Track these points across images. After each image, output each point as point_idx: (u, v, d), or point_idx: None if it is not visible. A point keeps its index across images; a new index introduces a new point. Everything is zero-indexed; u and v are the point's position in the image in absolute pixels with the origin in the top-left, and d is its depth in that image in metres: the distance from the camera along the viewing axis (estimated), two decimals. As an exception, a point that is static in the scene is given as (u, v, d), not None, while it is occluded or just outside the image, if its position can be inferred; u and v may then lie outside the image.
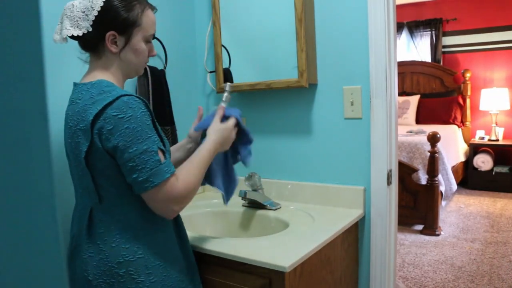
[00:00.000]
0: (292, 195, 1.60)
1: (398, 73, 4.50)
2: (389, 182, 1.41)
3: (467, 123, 4.91)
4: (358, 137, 1.46)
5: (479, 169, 4.57)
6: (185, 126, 1.77)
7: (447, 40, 5.10)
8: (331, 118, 1.51)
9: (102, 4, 0.94)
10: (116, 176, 0.93)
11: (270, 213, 1.48)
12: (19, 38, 0.25)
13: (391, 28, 1.39)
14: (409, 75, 5.21)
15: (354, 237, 1.45)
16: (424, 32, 5.24)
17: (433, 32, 5.15)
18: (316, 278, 1.18)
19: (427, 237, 3.20)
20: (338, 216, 1.39)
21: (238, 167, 1.77)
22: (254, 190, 1.55)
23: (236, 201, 1.61)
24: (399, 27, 5.34)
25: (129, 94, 0.91)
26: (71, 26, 0.95)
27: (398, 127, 2.12)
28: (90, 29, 0.95)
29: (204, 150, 1.03)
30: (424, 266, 2.69)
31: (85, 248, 0.96)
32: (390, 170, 1.42)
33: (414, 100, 5.01)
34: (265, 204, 1.51)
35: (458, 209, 3.91)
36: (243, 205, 1.57)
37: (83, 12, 0.95)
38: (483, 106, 4.73)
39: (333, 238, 1.24)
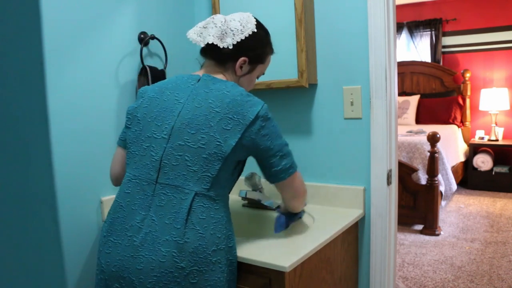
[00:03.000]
0: (292, 195, 1.60)
1: (398, 73, 4.51)
2: (389, 182, 1.42)
3: (467, 123, 4.91)
4: (358, 137, 1.46)
5: (479, 169, 4.57)
6: (185, 126, 1.77)
7: (447, 40, 5.10)
8: (331, 118, 1.51)
9: (251, 32, 1.09)
10: (231, 170, 1.04)
11: (270, 213, 1.48)
12: (20, 39, 0.25)
13: (391, 28, 1.39)
14: (409, 75, 5.21)
15: (354, 237, 1.45)
16: (424, 32, 5.25)
17: (433, 32, 5.15)
18: (316, 278, 1.18)
19: (427, 237, 3.20)
20: (338, 216, 1.39)
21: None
22: (254, 190, 1.55)
23: (236, 201, 1.61)
24: (399, 27, 5.35)
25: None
26: (216, 37, 1.06)
27: (398, 127, 2.13)
28: (231, 47, 1.07)
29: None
30: (424, 266, 2.69)
31: (178, 234, 0.95)
32: (390, 170, 1.42)
33: (414, 100, 5.01)
34: (265, 204, 1.51)
35: (458, 209, 3.91)
36: (243, 205, 1.57)
37: (232, 31, 1.07)
38: (483, 106, 4.73)
39: (333, 238, 1.24)
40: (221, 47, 1.07)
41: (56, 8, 1.30)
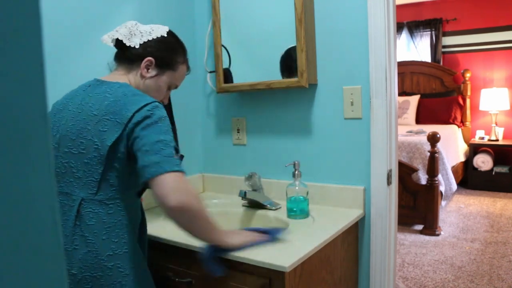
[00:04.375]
0: (292, 195, 1.60)
1: (398, 73, 4.51)
2: (389, 182, 1.41)
3: (467, 123, 4.91)
4: (358, 137, 1.46)
5: (479, 169, 4.57)
6: (185, 126, 1.77)
7: (447, 40, 5.10)
8: (331, 118, 1.51)
9: (159, 35, 1.10)
10: (123, 171, 0.99)
11: (270, 213, 1.48)
12: (20, 39, 0.25)
13: (391, 28, 1.39)
14: (409, 75, 5.21)
15: (354, 237, 1.45)
16: (424, 32, 5.24)
17: (433, 32, 5.15)
18: (316, 278, 1.18)
19: (427, 237, 3.20)
20: (338, 216, 1.39)
21: (238, 167, 1.78)
22: (254, 190, 1.55)
23: (236, 201, 1.61)
24: (399, 27, 5.34)
25: (158, 101, 1.02)
26: (124, 36, 1.08)
27: (398, 127, 2.12)
28: (137, 46, 1.07)
29: (216, 229, 1.04)
30: (424, 266, 2.69)
31: (67, 241, 0.96)
32: (390, 170, 1.42)
33: (414, 100, 5.01)
34: (265, 204, 1.51)
35: (458, 209, 3.91)
36: (243, 205, 1.57)
37: (141, 32, 1.09)
38: (483, 106, 4.73)
39: (333, 238, 1.24)
40: (128, 45, 1.07)
41: (56, 8, 1.30)
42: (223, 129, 1.81)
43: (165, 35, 1.11)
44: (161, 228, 1.33)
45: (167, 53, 1.11)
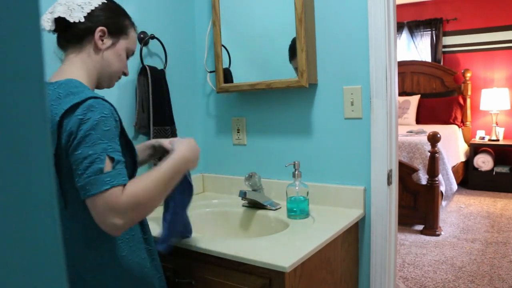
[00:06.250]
0: (292, 195, 1.60)
1: (398, 73, 4.51)
2: (389, 182, 1.41)
3: (467, 123, 4.91)
4: (358, 137, 1.45)
5: (479, 169, 4.57)
6: (185, 126, 1.77)
7: (447, 40, 5.10)
8: (331, 118, 1.51)
9: (100, 3, 0.98)
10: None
11: (270, 213, 1.48)
12: (20, 39, 0.25)
13: (391, 28, 1.39)
14: (409, 75, 5.21)
15: (354, 237, 1.45)
16: (424, 32, 5.24)
17: (434, 32, 5.15)
18: (316, 278, 1.18)
19: (427, 237, 3.19)
20: (338, 216, 1.39)
21: (238, 167, 1.78)
22: (254, 190, 1.55)
23: (236, 201, 1.61)
24: (399, 27, 5.34)
25: (97, 96, 0.88)
26: (64, 14, 0.94)
27: (398, 127, 2.12)
28: (82, 20, 0.95)
29: (168, 164, 0.95)
30: (425, 266, 2.69)
31: None
32: (390, 170, 1.42)
33: (414, 100, 5.01)
34: (265, 204, 1.51)
35: (458, 209, 3.91)
36: (243, 205, 1.57)
37: (79, 5, 0.96)
38: (483, 106, 4.72)
39: (333, 238, 1.24)
40: (71, 21, 0.95)
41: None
42: (223, 129, 1.81)
43: (105, 1, 1.00)
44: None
45: (115, 18, 1.01)
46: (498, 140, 4.61)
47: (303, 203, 1.39)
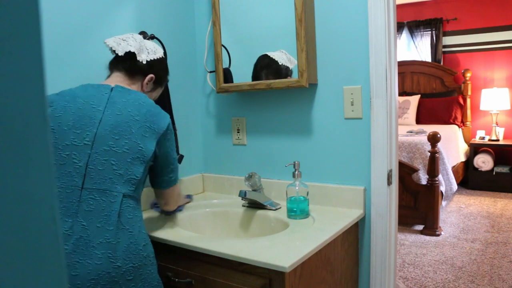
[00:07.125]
0: (292, 195, 1.60)
1: (398, 73, 4.52)
2: (389, 182, 1.41)
3: (467, 123, 4.91)
4: (358, 137, 1.45)
5: (479, 169, 4.57)
6: (185, 126, 1.77)
7: (448, 40, 5.10)
8: (331, 118, 1.51)
9: (160, 56, 1.25)
10: (146, 173, 1.14)
11: (270, 213, 1.48)
12: (19, 39, 0.25)
13: (391, 28, 1.39)
14: (409, 75, 5.21)
15: (354, 237, 1.45)
16: (424, 32, 5.24)
17: (434, 32, 5.15)
18: (316, 278, 1.18)
19: (427, 237, 3.19)
20: (338, 216, 1.39)
21: (238, 167, 1.78)
22: (254, 190, 1.55)
23: (236, 201, 1.61)
24: (399, 27, 5.34)
25: None
26: (136, 50, 1.18)
27: (399, 127, 2.12)
28: (145, 62, 1.20)
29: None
30: (425, 266, 2.69)
31: (111, 235, 0.99)
32: (391, 170, 1.42)
33: (414, 100, 5.01)
34: (265, 204, 1.51)
35: (458, 209, 3.91)
36: (243, 205, 1.57)
37: (147, 49, 1.22)
38: (483, 106, 4.72)
39: (333, 238, 1.24)
40: (138, 59, 1.19)
41: (56, 8, 1.30)
42: (223, 129, 1.81)
43: (163, 56, 1.27)
44: (161, 228, 1.33)
45: (163, 73, 1.28)
46: (498, 140, 4.61)
47: (303, 203, 1.39)
